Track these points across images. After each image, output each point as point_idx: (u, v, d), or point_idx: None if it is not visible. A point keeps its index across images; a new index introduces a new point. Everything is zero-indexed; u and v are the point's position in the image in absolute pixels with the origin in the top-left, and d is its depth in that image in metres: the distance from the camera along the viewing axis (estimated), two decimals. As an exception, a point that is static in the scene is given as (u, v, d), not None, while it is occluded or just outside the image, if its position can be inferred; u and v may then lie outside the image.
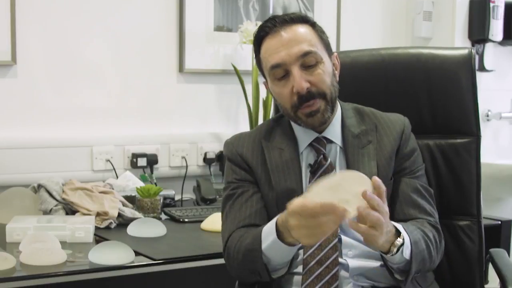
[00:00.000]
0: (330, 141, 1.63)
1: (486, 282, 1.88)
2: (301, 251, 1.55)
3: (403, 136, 1.64)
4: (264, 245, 1.47)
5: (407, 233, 1.48)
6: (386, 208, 1.37)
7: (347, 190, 1.33)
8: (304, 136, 1.64)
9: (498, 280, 1.76)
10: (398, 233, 1.45)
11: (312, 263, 1.53)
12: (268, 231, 1.47)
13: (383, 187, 1.37)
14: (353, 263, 1.54)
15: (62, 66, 2.56)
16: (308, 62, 1.56)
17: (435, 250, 1.57)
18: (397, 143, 1.63)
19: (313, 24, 1.61)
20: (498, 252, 1.89)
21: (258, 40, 1.61)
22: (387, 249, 1.44)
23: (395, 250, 1.43)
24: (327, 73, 1.58)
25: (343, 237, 1.56)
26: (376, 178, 1.37)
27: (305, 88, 1.54)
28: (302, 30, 1.58)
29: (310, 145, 1.63)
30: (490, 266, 1.86)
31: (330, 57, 1.62)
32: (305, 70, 1.56)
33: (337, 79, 1.64)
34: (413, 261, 1.47)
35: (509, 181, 3.20)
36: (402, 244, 1.44)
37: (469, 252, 1.80)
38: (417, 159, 1.67)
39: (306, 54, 1.55)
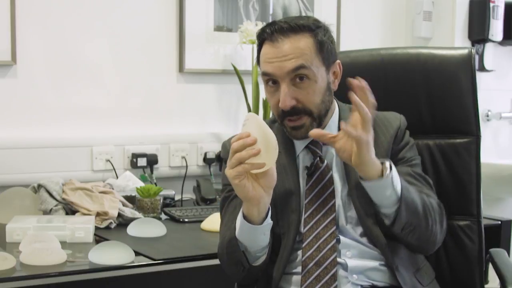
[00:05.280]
0: (326, 144, 1.63)
1: (486, 282, 1.88)
2: (299, 252, 1.56)
3: (398, 132, 1.65)
4: (237, 231, 1.49)
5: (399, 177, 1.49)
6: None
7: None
8: None
9: (498, 280, 1.76)
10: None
11: (311, 264, 1.53)
12: (239, 216, 1.49)
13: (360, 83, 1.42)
14: (352, 262, 1.55)
15: (62, 66, 2.56)
16: (298, 78, 1.54)
17: (432, 215, 1.55)
18: (392, 139, 1.64)
19: (315, 34, 1.55)
20: (498, 252, 1.89)
21: (259, 42, 1.60)
22: (379, 172, 1.45)
23: (387, 170, 1.44)
24: (317, 91, 1.55)
25: (342, 238, 1.57)
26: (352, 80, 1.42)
27: (289, 106, 1.53)
28: (300, 42, 1.53)
29: (307, 147, 1.63)
30: (490, 266, 1.86)
31: (329, 68, 1.59)
32: (295, 86, 1.54)
33: (336, 88, 1.63)
34: (402, 205, 1.47)
35: (509, 181, 3.20)
36: (391, 166, 1.45)
37: (469, 252, 1.80)
38: (410, 150, 1.67)
39: (298, 69, 1.53)
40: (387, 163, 1.46)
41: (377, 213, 1.54)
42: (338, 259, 1.54)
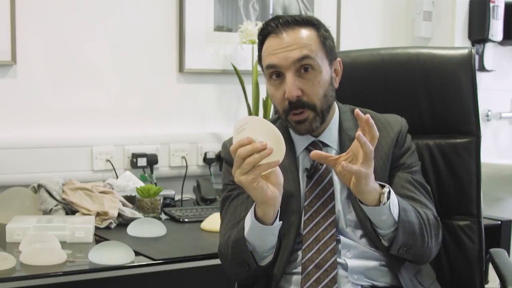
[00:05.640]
0: (326, 145, 1.62)
1: (486, 282, 1.88)
2: (300, 253, 1.56)
3: (399, 137, 1.64)
4: (246, 231, 1.48)
5: (396, 197, 1.49)
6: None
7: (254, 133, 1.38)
8: (300, 140, 1.63)
9: (498, 280, 1.76)
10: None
11: (311, 267, 1.53)
12: (248, 216, 1.49)
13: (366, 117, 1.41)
14: (352, 263, 1.54)
15: (62, 66, 2.56)
16: (303, 69, 1.54)
17: (428, 231, 1.55)
18: (393, 144, 1.63)
19: (318, 28, 1.58)
20: (498, 252, 1.89)
21: (261, 37, 1.60)
22: (376, 200, 1.45)
23: (385, 197, 1.44)
24: (322, 83, 1.56)
25: (342, 238, 1.56)
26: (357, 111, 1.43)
27: (295, 96, 1.53)
28: (305, 34, 1.55)
29: (306, 149, 1.62)
30: (490, 266, 1.86)
31: (331, 63, 1.60)
32: (300, 77, 1.54)
33: (337, 85, 1.63)
34: (399, 228, 1.47)
35: (509, 181, 3.20)
36: (389, 193, 1.45)
37: (469, 252, 1.80)
38: (411, 156, 1.66)
39: (303, 59, 1.53)
40: (386, 190, 1.46)
41: (375, 231, 1.54)
42: (338, 259, 1.54)
